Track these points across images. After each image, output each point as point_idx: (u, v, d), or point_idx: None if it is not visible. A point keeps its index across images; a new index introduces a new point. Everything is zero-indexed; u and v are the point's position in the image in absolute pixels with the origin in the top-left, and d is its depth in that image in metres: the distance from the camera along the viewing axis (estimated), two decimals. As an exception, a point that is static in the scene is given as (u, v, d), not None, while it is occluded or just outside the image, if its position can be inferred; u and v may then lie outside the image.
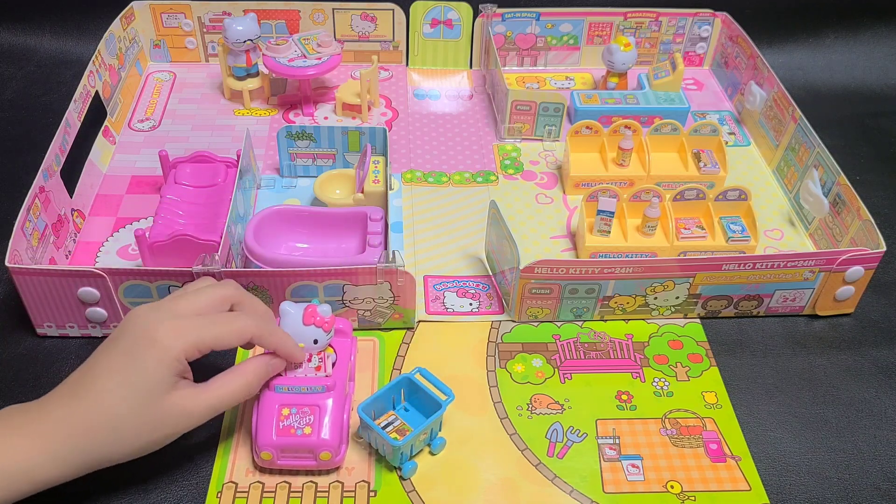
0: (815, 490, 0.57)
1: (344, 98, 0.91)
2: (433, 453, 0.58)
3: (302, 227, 0.72)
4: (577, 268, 0.64)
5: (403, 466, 0.56)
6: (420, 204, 0.80)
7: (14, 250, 0.61)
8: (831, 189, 0.74)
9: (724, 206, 0.75)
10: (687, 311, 0.69)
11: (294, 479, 0.56)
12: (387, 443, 0.55)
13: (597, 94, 0.92)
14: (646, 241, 0.73)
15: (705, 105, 0.97)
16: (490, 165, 0.86)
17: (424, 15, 0.97)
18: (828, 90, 1.02)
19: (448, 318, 0.69)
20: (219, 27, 0.96)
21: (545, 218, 0.79)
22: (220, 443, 0.58)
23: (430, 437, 0.58)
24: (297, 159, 0.81)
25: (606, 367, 0.65)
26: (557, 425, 0.61)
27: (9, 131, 0.90)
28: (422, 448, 0.58)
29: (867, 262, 0.67)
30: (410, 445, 0.56)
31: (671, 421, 0.61)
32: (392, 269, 0.62)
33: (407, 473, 0.56)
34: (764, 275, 0.66)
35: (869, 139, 0.94)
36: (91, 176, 0.79)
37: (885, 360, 0.67)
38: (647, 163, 0.81)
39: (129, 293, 0.62)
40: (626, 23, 0.99)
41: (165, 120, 0.90)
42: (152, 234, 0.68)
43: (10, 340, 0.65)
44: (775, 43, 1.04)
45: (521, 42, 1.00)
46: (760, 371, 0.66)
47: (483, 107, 0.95)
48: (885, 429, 0.62)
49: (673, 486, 0.57)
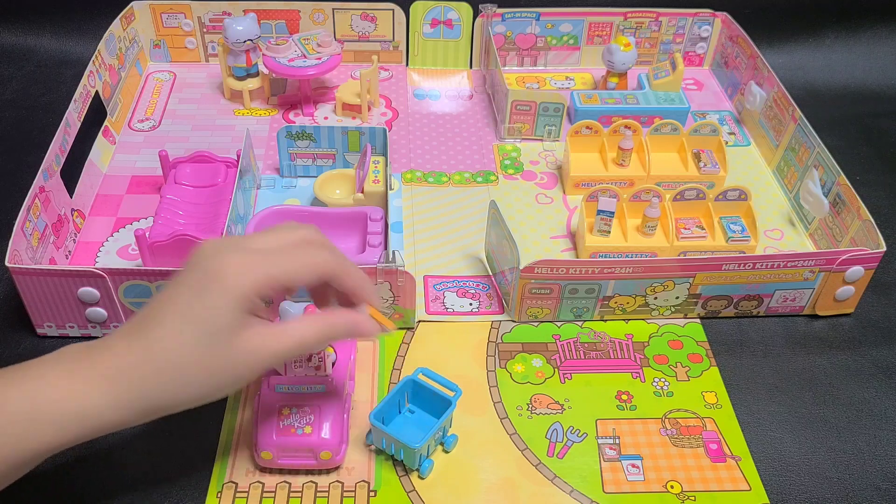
0: (815, 490, 0.57)
1: (344, 98, 0.91)
2: (447, 451, 0.58)
3: (302, 227, 0.72)
4: (577, 268, 0.64)
5: (422, 466, 0.56)
6: (420, 204, 0.80)
7: (14, 250, 0.61)
8: (831, 189, 0.74)
9: (724, 206, 0.75)
10: (687, 311, 0.69)
11: (294, 479, 0.56)
12: (405, 446, 0.55)
13: (597, 94, 0.92)
14: (646, 241, 0.73)
15: (705, 105, 0.97)
16: (490, 165, 0.86)
17: (424, 15, 0.97)
18: (828, 90, 1.02)
19: (448, 318, 0.69)
20: (219, 27, 0.96)
21: (545, 218, 0.79)
22: (220, 443, 0.58)
23: (443, 434, 0.58)
24: (297, 159, 0.81)
25: (606, 367, 0.65)
26: (557, 425, 0.61)
27: (9, 131, 0.90)
28: (436, 447, 0.58)
29: (867, 262, 0.67)
30: (427, 446, 0.56)
31: (671, 421, 0.61)
32: (392, 269, 0.62)
33: (425, 473, 0.56)
34: (764, 275, 0.66)
35: (869, 139, 0.94)
36: (91, 176, 0.79)
37: (885, 360, 0.67)
38: (647, 163, 0.81)
39: (129, 293, 0.62)
40: (626, 23, 0.99)
41: (165, 120, 0.90)
42: (152, 234, 0.68)
43: (10, 340, 0.65)
44: (775, 43, 1.04)
45: (521, 42, 1.00)
46: (760, 371, 0.66)
47: (483, 107, 0.95)
48: (885, 429, 0.62)
49: (673, 486, 0.57)
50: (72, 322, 0.64)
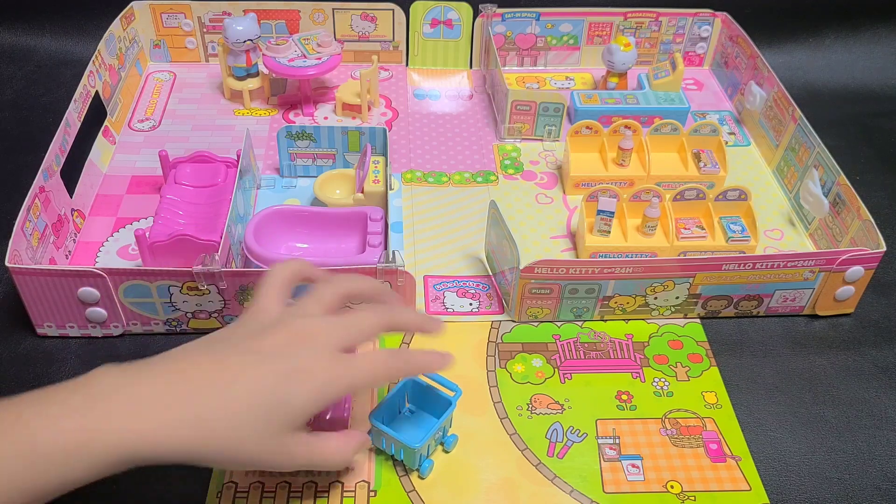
0: (815, 490, 0.57)
1: (344, 98, 0.91)
2: (447, 451, 0.58)
3: (302, 227, 0.72)
4: (577, 268, 0.64)
5: (422, 466, 0.56)
6: (420, 204, 0.80)
7: (14, 250, 0.61)
8: (831, 189, 0.74)
9: (724, 206, 0.75)
10: (687, 311, 0.69)
11: (294, 479, 0.56)
12: (405, 446, 0.55)
13: (597, 94, 0.92)
14: (646, 241, 0.73)
15: (705, 105, 0.97)
16: (490, 165, 0.86)
17: (424, 15, 0.97)
18: (828, 90, 1.02)
19: (448, 318, 0.69)
20: (219, 27, 0.96)
21: (545, 218, 0.79)
22: (220, 443, 0.58)
23: (443, 434, 0.58)
24: (297, 159, 0.81)
25: (606, 367, 0.65)
26: (557, 425, 0.61)
27: (9, 131, 0.90)
28: (436, 447, 0.58)
29: (867, 262, 0.67)
30: (427, 446, 0.56)
31: (671, 421, 0.61)
32: (392, 269, 0.62)
33: (425, 473, 0.56)
34: (764, 275, 0.66)
35: (869, 139, 0.94)
36: (91, 176, 0.79)
37: (885, 360, 0.67)
38: (647, 163, 0.81)
39: (129, 293, 0.62)
40: (626, 23, 0.99)
41: (165, 120, 0.90)
42: (152, 234, 0.68)
43: (10, 340, 0.65)
44: (775, 43, 1.04)
45: (521, 42, 1.00)
46: (760, 371, 0.66)
47: (483, 107, 0.95)
48: (885, 429, 0.62)
49: (673, 486, 0.57)
50: (72, 322, 0.64)
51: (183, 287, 0.62)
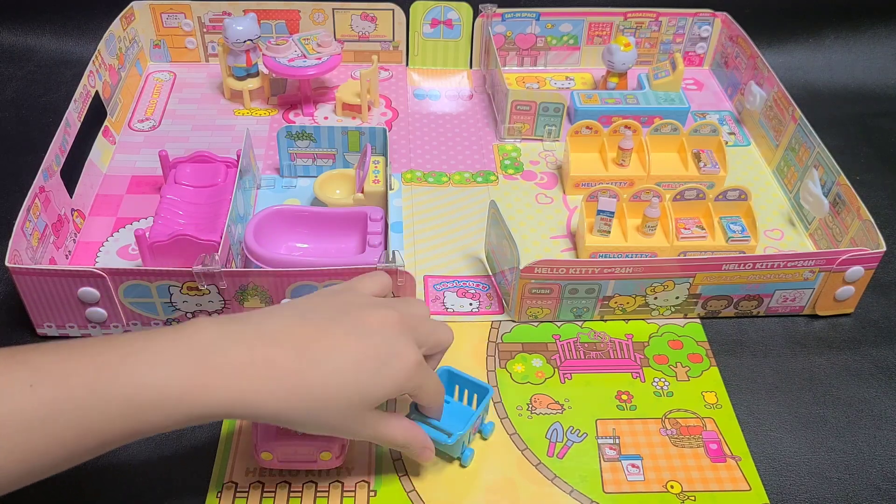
0: (815, 490, 0.57)
1: (344, 98, 0.91)
2: (485, 438, 0.59)
3: (302, 227, 0.72)
4: (577, 268, 0.64)
5: (463, 455, 0.57)
6: (420, 204, 0.80)
7: (14, 250, 0.61)
8: (831, 189, 0.74)
9: (724, 206, 0.75)
10: (687, 311, 0.69)
11: (294, 479, 0.56)
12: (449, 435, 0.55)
13: (597, 94, 0.92)
14: (646, 241, 0.73)
15: (705, 105, 0.97)
16: (490, 165, 0.86)
17: (424, 15, 0.97)
18: (828, 90, 1.02)
19: (448, 318, 0.69)
20: (219, 27, 0.96)
21: (545, 218, 0.79)
22: (220, 443, 0.58)
23: (481, 422, 0.59)
24: (297, 159, 0.81)
25: (606, 367, 0.65)
26: (557, 425, 0.61)
27: (9, 131, 0.90)
28: (474, 436, 0.59)
29: (867, 262, 0.67)
30: (469, 434, 0.56)
31: (671, 421, 0.61)
32: (392, 269, 0.62)
33: (467, 461, 0.57)
34: (764, 275, 0.66)
35: (869, 139, 0.94)
36: (91, 176, 0.79)
37: (885, 360, 0.67)
38: (647, 163, 0.81)
39: (129, 293, 0.62)
40: (626, 23, 0.99)
41: (165, 120, 0.90)
42: (152, 234, 0.68)
43: (10, 340, 0.65)
44: (775, 43, 1.04)
45: (521, 42, 1.00)
46: (760, 371, 0.66)
47: (483, 107, 0.95)
48: (885, 429, 0.62)
49: (673, 486, 0.57)
50: (72, 322, 0.64)
51: (183, 287, 0.62)
